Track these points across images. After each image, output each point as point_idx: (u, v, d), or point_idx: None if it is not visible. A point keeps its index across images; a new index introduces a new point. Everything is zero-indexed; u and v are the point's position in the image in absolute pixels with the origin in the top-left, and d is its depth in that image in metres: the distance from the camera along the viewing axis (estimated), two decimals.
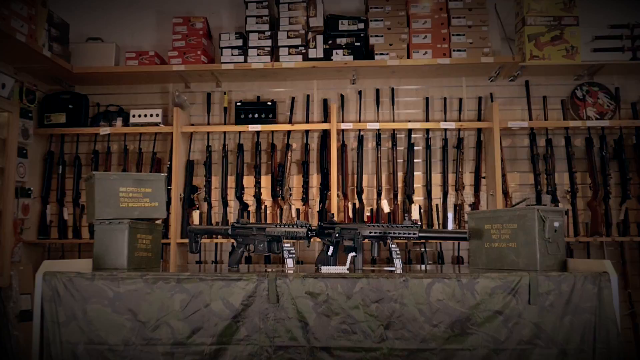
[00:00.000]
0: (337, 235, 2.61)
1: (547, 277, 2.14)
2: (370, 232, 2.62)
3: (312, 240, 2.74)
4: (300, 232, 2.59)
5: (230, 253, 2.82)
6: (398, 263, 2.67)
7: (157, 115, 4.33)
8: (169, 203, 4.25)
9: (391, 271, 2.59)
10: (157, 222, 2.83)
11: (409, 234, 2.56)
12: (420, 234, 2.53)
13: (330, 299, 2.15)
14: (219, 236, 4.10)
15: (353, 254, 2.58)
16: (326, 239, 2.70)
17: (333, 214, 2.72)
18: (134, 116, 4.35)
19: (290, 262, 2.62)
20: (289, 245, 2.64)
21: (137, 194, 2.68)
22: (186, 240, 4.10)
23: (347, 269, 2.55)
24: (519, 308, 2.12)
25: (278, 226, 2.67)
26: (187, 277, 2.20)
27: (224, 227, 2.81)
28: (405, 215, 2.62)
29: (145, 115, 4.34)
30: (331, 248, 2.61)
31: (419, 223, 3.53)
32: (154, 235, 2.74)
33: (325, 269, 2.55)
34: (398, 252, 2.68)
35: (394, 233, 2.58)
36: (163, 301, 2.19)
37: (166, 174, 2.77)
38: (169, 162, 4.33)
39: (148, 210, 2.70)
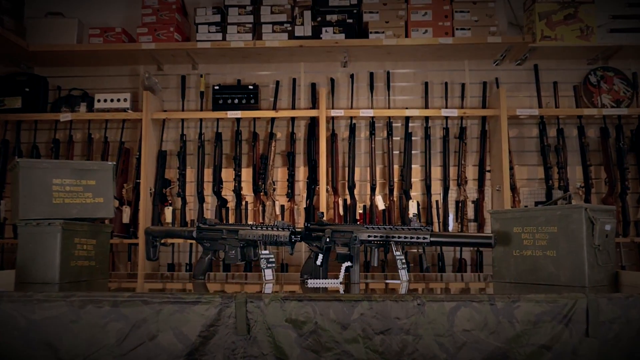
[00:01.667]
0: (327, 239, 1.97)
1: (609, 299, 1.51)
2: (369, 236, 1.98)
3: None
4: (282, 236, 1.95)
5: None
6: (404, 274, 2.04)
7: (125, 100, 3.67)
8: (137, 198, 3.60)
9: (388, 287, 1.96)
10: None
11: (417, 238, 1.92)
12: (433, 239, 1.90)
13: (320, 329, 1.51)
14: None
15: (348, 263, 1.94)
16: (314, 244, 2.05)
17: (322, 213, 2.07)
18: (99, 101, 3.68)
19: (269, 274, 1.98)
20: (267, 252, 1.99)
21: (77, 187, 2.03)
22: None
23: (341, 283, 1.92)
24: (574, 341, 1.49)
25: (254, 228, 2.02)
26: (127, 300, 1.54)
27: (188, 229, 2.16)
28: (414, 215, 1.99)
29: (112, 100, 3.67)
30: (320, 256, 1.97)
31: (429, 225, 2.92)
32: (99, 239, 2.09)
33: (312, 283, 1.92)
34: (404, 260, 2.05)
35: (399, 237, 1.95)
36: (94, 332, 1.53)
37: (115, 163, 2.11)
38: (138, 153, 3.67)
39: (90, 207, 2.04)
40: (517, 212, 1.95)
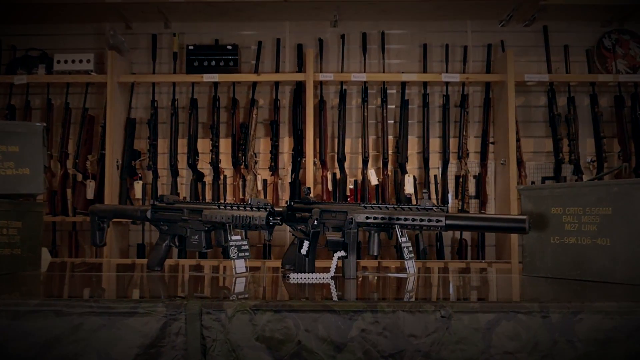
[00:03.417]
0: (315, 222, 1.48)
1: None
2: (367, 218, 1.50)
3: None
4: (257, 218, 1.46)
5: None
6: (411, 265, 1.56)
7: (88, 61, 3.13)
8: (103, 171, 3.09)
9: (389, 280, 1.50)
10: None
11: (429, 220, 1.44)
12: (449, 222, 1.43)
13: (305, 351, 1.03)
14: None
15: (341, 253, 1.46)
16: (299, 227, 1.57)
17: (309, 189, 1.59)
18: (58, 62, 3.14)
19: (240, 265, 1.50)
20: (238, 237, 1.50)
21: None
22: (124, 220, 2.97)
23: (332, 278, 1.44)
24: None
25: (222, 207, 1.53)
26: (33, 310, 1.05)
27: (141, 208, 1.66)
28: (424, 191, 1.51)
29: (74, 61, 3.13)
30: (306, 243, 1.48)
31: (445, 205, 2.46)
32: (26, 220, 1.58)
33: (295, 278, 1.43)
34: (410, 248, 1.57)
35: (407, 220, 1.47)
36: None
37: (45, 125, 1.59)
38: (103, 121, 3.14)
39: (12, 180, 1.54)
40: (557, 188, 1.47)
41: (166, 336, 1.04)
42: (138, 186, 3.15)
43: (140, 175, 3.19)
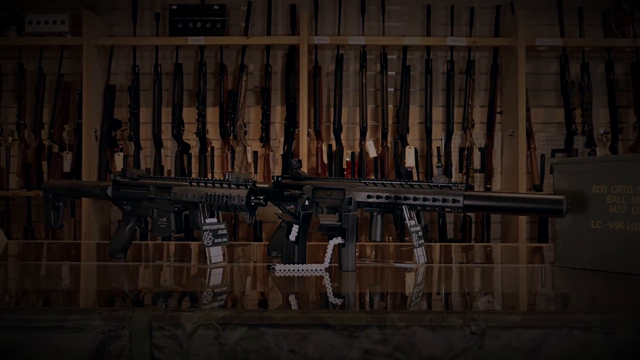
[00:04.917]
0: (306, 201, 1.19)
1: None
2: (369, 197, 1.21)
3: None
4: (235, 197, 1.16)
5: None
6: (421, 253, 1.27)
7: (62, 22, 2.81)
8: (80, 143, 2.79)
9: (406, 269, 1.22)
10: None
11: (444, 200, 1.16)
12: (467, 202, 1.14)
13: None
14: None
15: (338, 240, 1.17)
16: (288, 207, 1.28)
17: (299, 162, 1.30)
18: (30, 23, 2.80)
19: (216, 254, 1.21)
20: (214, 220, 1.21)
21: None
22: None
23: (326, 270, 1.16)
24: None
25: (195, 184, 1.23)
26: None
27: (101, 184, 1.36)
28: (438, 165, 1.23)
29: (47, 22, 2.81)
30: (295, 227, 1.19)
31: (462, 182, 2.19)
32: None
33: (282, 270, 1.15)
34: (420, 233, 1.28)
35: (417, 199, 1.18)
36: None
37: None
38: (80, 88, 2.82)
39: None
40: (600, 161, 1.18)
41: (104, 358, 0.76)
42: (119, 158, 2.85)
43: (121, 146, 2.89)
